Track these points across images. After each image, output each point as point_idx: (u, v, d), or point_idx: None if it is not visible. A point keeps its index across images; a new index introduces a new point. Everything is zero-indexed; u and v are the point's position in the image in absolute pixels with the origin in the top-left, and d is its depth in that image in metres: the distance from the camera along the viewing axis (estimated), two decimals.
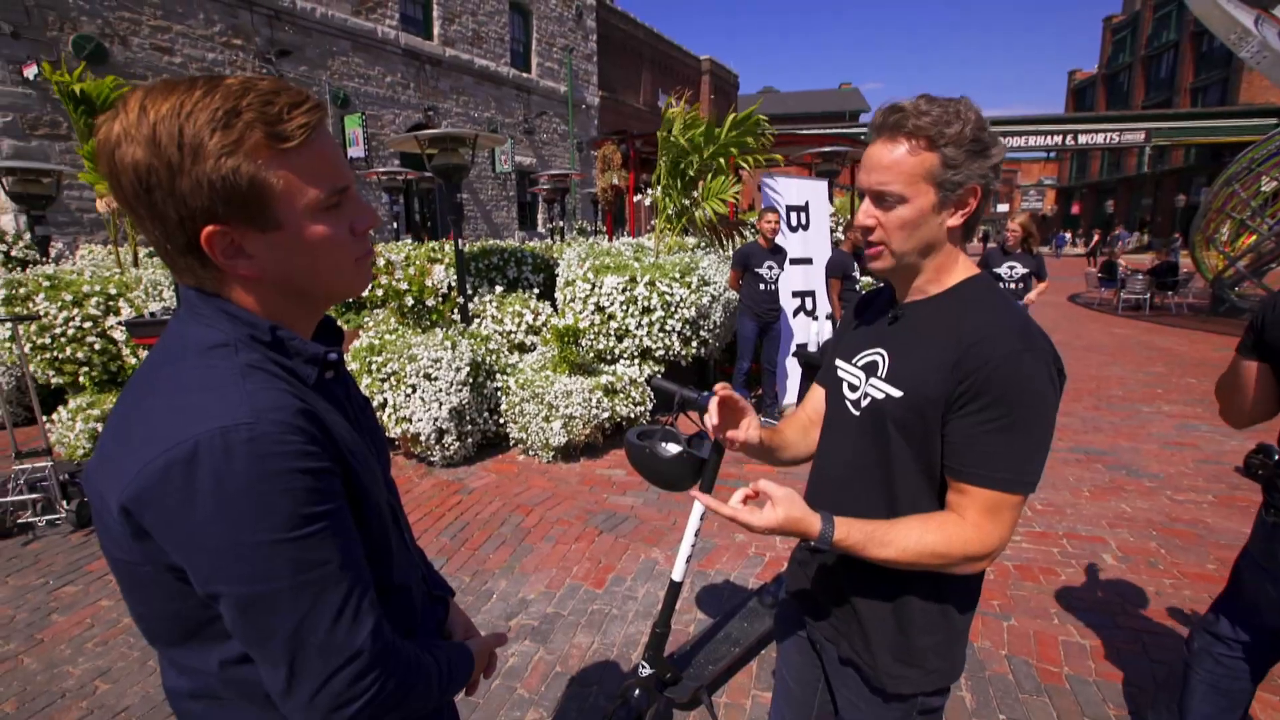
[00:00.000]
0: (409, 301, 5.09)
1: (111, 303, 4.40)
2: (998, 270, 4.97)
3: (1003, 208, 43.57)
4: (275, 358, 0.67)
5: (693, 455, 1.71)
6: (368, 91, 13.65)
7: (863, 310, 1.20)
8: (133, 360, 4.44)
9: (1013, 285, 4.95)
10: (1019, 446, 0.92)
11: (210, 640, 0.66)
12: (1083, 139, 25.16)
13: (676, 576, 1.80)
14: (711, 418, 1.16)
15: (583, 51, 20.70)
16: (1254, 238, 10.63)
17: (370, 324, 5.15)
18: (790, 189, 5.75)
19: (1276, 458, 1.54)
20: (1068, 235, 31.83)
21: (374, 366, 4.26)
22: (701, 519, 1.76)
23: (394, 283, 5.05)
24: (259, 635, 0.61)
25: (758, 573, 3.03)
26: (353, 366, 4.23)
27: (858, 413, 1.07)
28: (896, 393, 1.00)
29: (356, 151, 12.91)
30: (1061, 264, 26.00)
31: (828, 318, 5.58)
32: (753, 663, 2.39)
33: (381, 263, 5.23)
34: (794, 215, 5.74)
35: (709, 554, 3.18)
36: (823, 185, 6.11)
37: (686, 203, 5.62)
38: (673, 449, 1.73)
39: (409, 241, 7.34)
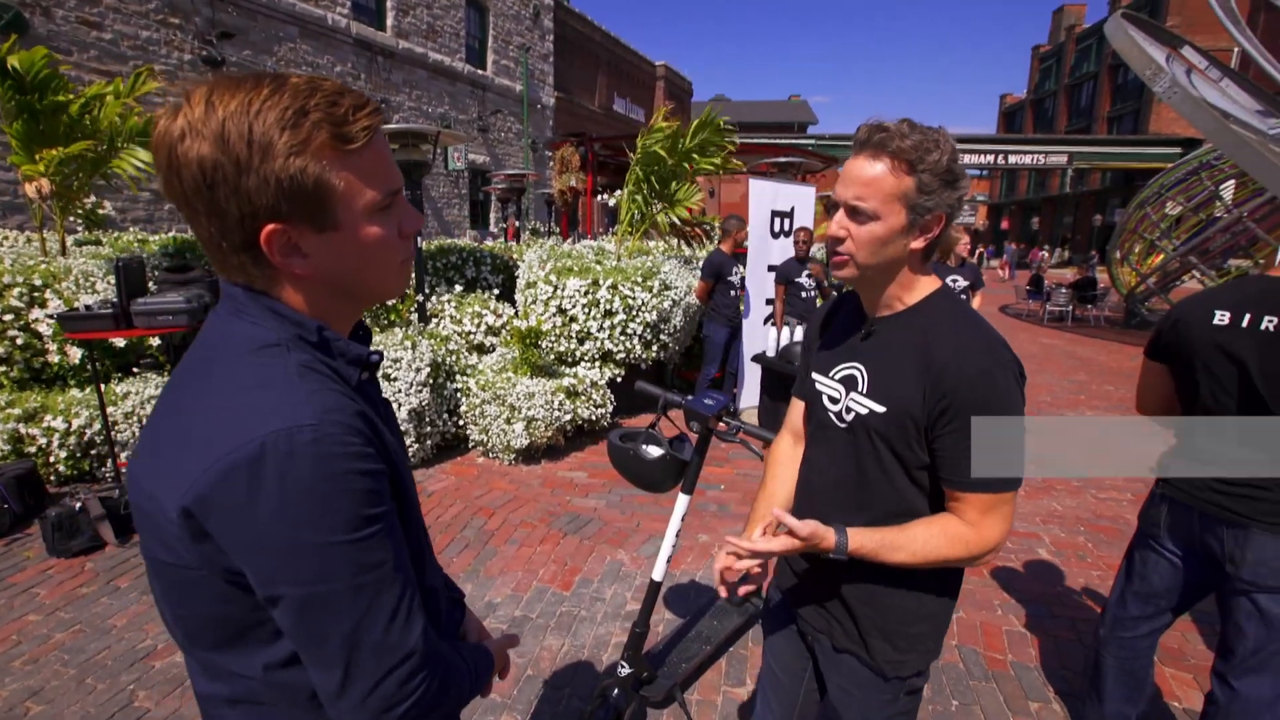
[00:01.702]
0: None
1: (37, 294, 4.08)
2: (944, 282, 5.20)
3: None
4: (322, 358, 0.67)
5: (675, 457, 1.76)
6: None
7: (829, 321, 1.25)
8: (56, 359, 4.13)
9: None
10: None
11: (256, 643, 0.65)
12: (1012, 159, 26.75)
13: (656, 576, 1.84)
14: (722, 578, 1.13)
15: (539, 51, 20.54)
16: (1161, 257, 11.62)
17: None
18: (779, 194, 5.55)
19: None
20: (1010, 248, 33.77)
21: None
22: (683, 520, 1.80)
23: None
24: (316, 637, 0.61)
25: None
26: None
27: (843, 425, 1.13)
28: (880, 408, 1.07)
29: None
30: (986, 275, 27.52)
31: (768, 321, 5.55)
32: (722, 660, 2.45)
33: None
34: (778, 221, 5.54)
35: (674, 555, 3.23)
36: (810, 191, 5.86)
37: (652, 209, 5.70)
38: (656, 451, 1.77)
39: None
